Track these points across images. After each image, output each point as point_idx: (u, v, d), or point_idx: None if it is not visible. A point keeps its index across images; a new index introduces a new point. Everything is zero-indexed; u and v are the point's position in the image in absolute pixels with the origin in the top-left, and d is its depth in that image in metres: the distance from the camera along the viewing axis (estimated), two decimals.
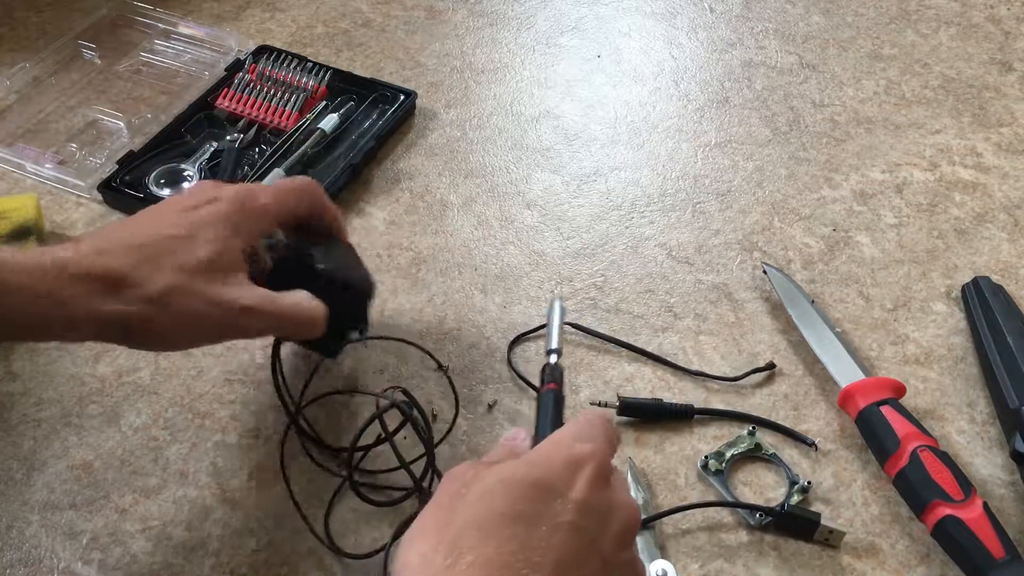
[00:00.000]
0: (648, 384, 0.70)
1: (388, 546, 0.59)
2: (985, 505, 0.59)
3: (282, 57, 0.93)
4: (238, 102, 0.89)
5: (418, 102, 0.92)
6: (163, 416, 0.67)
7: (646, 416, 0.68)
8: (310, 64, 0.93)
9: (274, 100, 0.89)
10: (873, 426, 0.64)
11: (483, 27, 1.03)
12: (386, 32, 1.01)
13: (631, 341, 0.73)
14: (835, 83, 0.96)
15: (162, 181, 0.82)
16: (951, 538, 0.59)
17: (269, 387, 0.69)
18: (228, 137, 0.86)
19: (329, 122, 0.86)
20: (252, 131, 0.87)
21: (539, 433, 0.51)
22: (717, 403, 0.69)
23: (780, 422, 0.68)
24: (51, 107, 0.90)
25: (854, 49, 1.01)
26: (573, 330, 0.73)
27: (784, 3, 1.06)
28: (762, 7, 1.06)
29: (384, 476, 0.64)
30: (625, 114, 0.93)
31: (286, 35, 1.00)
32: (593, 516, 0.43)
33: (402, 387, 0.63)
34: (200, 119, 0.88)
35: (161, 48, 0.97)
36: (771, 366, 0.71)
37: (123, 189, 0.81)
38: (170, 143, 0.85)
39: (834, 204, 0.84)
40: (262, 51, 0.94)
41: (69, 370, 0.70)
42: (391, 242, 0.80)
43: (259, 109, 0.88)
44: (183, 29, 0.97)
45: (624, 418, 0.68)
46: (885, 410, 0.64)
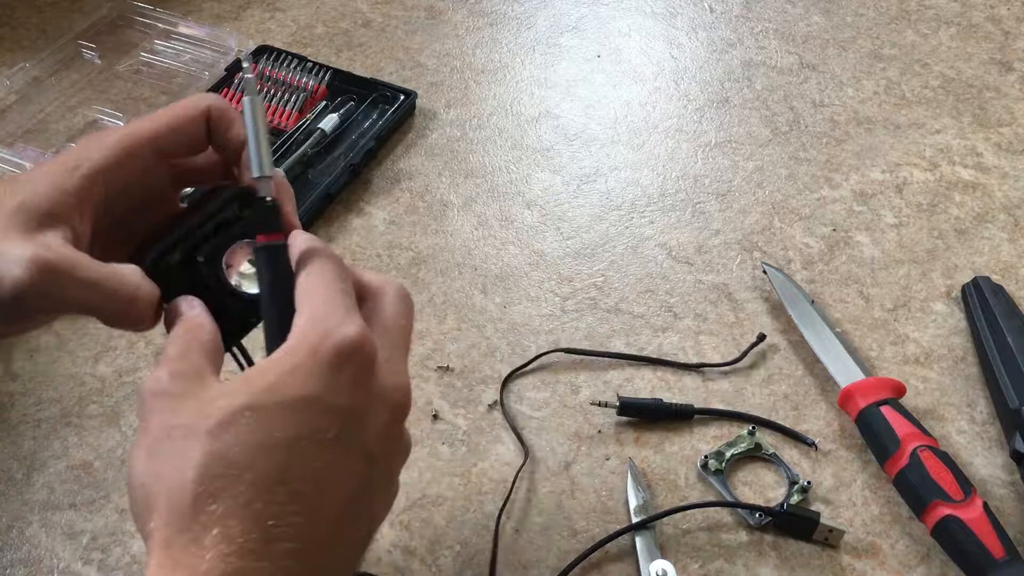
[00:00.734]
0: (648, 384, 0.70)
1: None
2: (985, 505, 0.59)
3: (282, 57, 0.93)
4: (238, 102, 0.89)
5: (418, 102, 0.92)
6: None
7: (646, 416, 0.68)
8: (310, 64, 0.93)
9: (274, 100, 0.89)
10: (873, 426, 0.64)
11: (483, 27, 1.03)
12: (386, 32, 1.01)
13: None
14: (835, 83, 0.96)
15: None
16: (951, 538, 0.59)
17: None
18: None
19: (329, 122, 0.87)
20: None
21: (269, 315, 0.41)
22: (717, 403, 0.69)
23: (780, 422, 0.68)
24: (51, 107, 0.90)
25: (854, 49, 1.01)
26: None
27: (784, 3, 1.06)
28: (762, 7, 1.06)
29: None
30: (625, 114, 0.93)
31: (286, 35, 1.00)
32: (361, 418, 0.36)
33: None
34: None
35: (161, 48, 0.97)
36: (761, 337, 0.71)
37: None
38: None
39: (834, 204, 0.84)
40: (262, 51, 0.94)
41: (69, 370, 0.70)
42: (391, 242, 0.80)
43: None
44: (183, 29, 0.97)
45: (624, 418, 0.68)
46: (885, 410, 0.64)
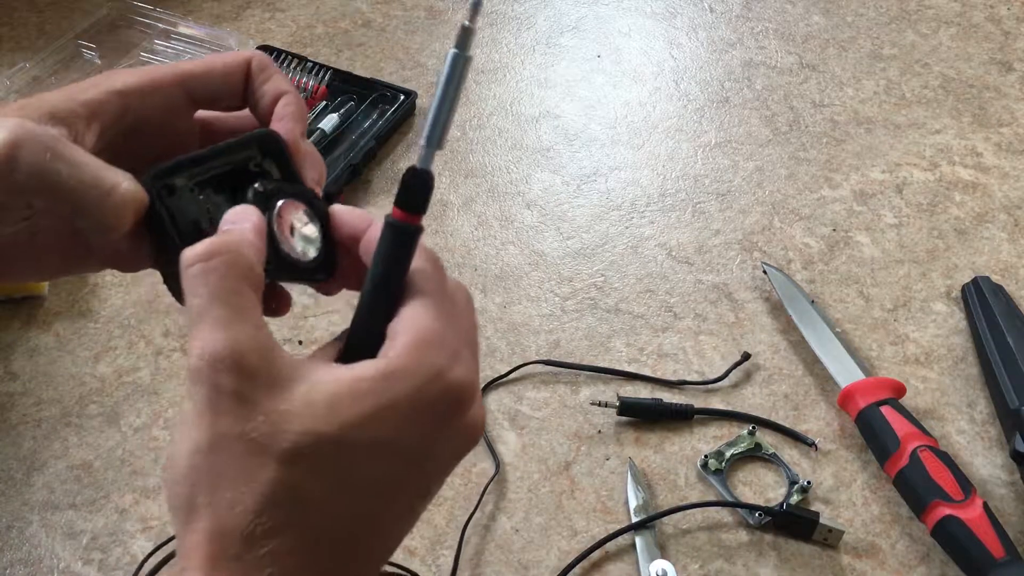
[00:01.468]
0: (648, 384, 0.70)
1: None
2: (985, 505, 0.59)
3: (282, 57, 0.93)
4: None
5: (418, 102, 0.92)
6: (163, 416, 0.67)
7: (646, 416, 0.68)
8: (310, 64, 0.93)
9: None
10: (873, 426, 0.64)
11: (483, 27, 1.03)
12: (386, 32, 1.01)
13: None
14: (835, 83, 0.96)
15: None
16: (951, 538, 0.59)
17: None
18: None
19: (329, 122, 0.86)
20: None
21: (372, 303, 0.32)
22: (717, 403, 0.69)
23: (780, 422, 0.68)
24: None
25: (854, 49, 1.01)
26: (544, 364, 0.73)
27: (784, 3, 1.06)
28: (762, 7, 1.06)
29: None
30: (625, 114, 0.93)
31: (286, 35, 1.00)
32: (439, 466, 0.32)
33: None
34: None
35: (161, 48, 0.96)
36: (746, 356, 0.71)
37: None
38: None
39: (834, 204, 0.84)
40: (262, 51, 0.94)
41: (69, 370, 0.70)
42: None
43: None
44: (183, 29, 0.97)
45: (624, 418, 0.68)
46: (885, 410, 0.64)
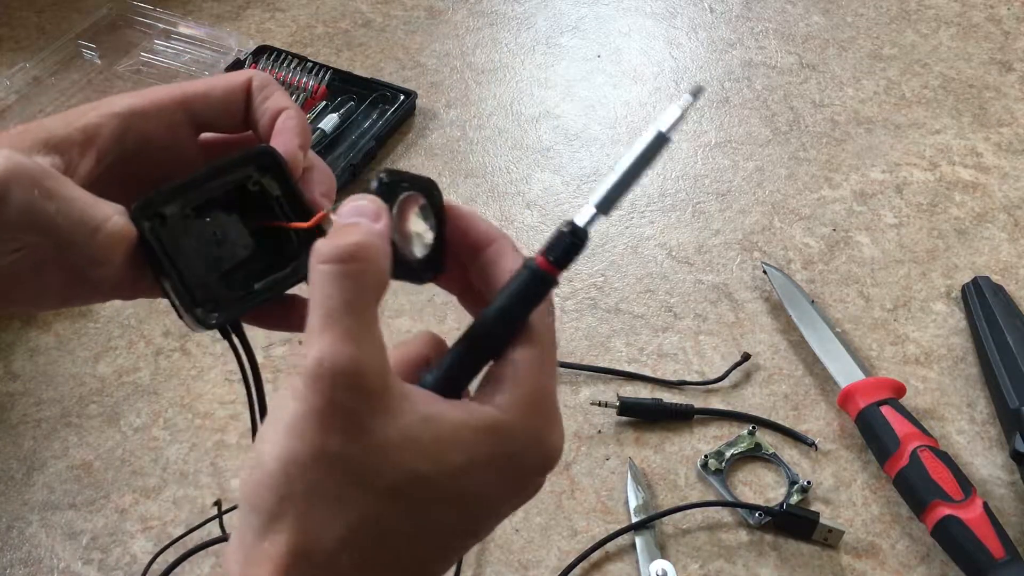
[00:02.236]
0: (648, 384, 0.70)
1: None
2: (985, 505, 0.59)
3: (282, 57, 0.93)
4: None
5: (418, 102, 0.92)
6: (163, 416, 0.67)
7: (646, 416, 0.68)
8: (310, 64, 0.93)
9: None
10: (873, 426, 0.64)
11: (483, 27, 1.03)
12: (386, 32, 1.01)
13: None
14: (835, 83, 0.96)
15: None
16: (951, 538, 0.59)
17: (270, 387, 0.68)
18: None
19: (329, 122, 0.86)
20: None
21: (487, 333, 0.32)
22: (717, 403, 0.69)
23: (780, 422, 0.68)
24: (51, 107, 0.90)
25: (854, 49, 1.01)
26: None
27: (784, 3, 1.06)
28: (762, 7, 1.06)
29: None
30: (625, 114, 0.93)
31: (286, 35, 1.00)
32: (514, 507, 0.33)
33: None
34: None
35: (161, 48, 0.96)
36: (746, 357, 0.71)
37: None
38: None
39: (834, 204, 0.84)
40: (262, 51, 0.94)
41: (69, 370, 0.70)
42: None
43: None
44: (183, 29, 0.97)
45: (624, 418, 0.68)
46: (885, 410, 0.64)
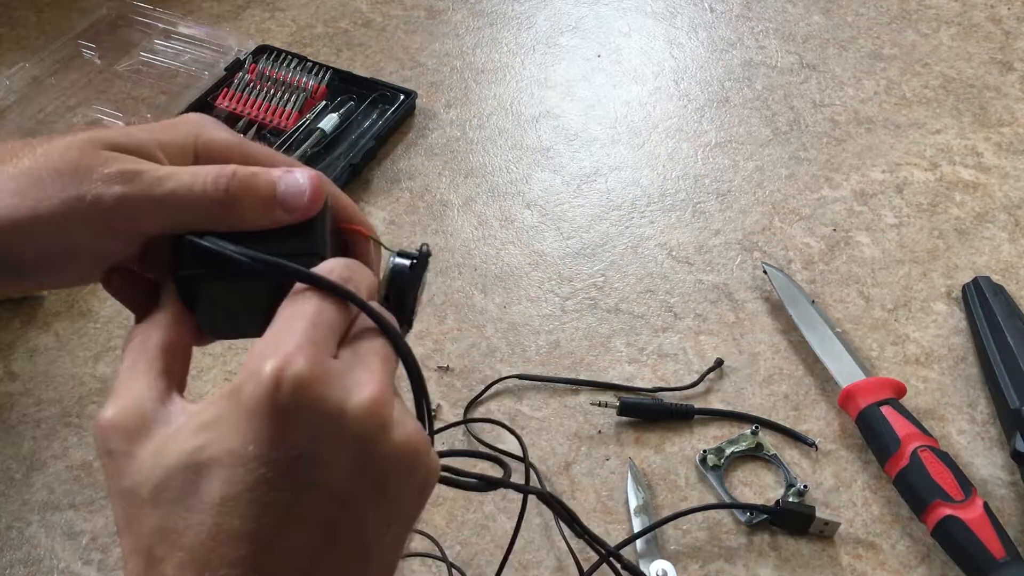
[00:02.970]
0: (648, 384, 0.70)
1: None
2: (985, 505, 0.59)
3: (282, 57, 0.93)
4: (238, 102, 0.89)
5: (418, 102, 0.92)
6: None
7: (646, 416, 0.68)
8: (310, 64, 0.93)
9: (274, 100, 0.89)
10: (873, 426, 0.64)
11: (483, 27, 1.03)
12: (386, 32, 1.01)
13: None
14: (835, 83, 0.96)
15: None
16: (951, 538, 0.59)
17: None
18: None
19: (329, 122, 0.86)
20: (252, 131, 0.87)
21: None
22: (717, 403, 0.69)
23: (780, 422, 0.68)
24: (51, 107, 0.90)
25: (854, 49, 1.00)
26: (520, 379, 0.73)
27: (784, 3, 1.06)
28: (762, 7, 1.06)
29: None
30: (625, 114, 0.93)
31: (286, 35, 1.00)
32: (366, 491, 0.29)
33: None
34: None
35: (161, 48, 0.96)
36: (719, 363, 0.71)
37: None
38: None
39: (834, 204, 0.84)
40: (262, 51, 0.94)
41: (69, 370, 0.70)
42: (391, 242, 0.79)
43: (259, 109, 0.88)
44: (183, 29, 0.97)
45: (624, 418, 0.68)
46: (885, 410, 0.64)
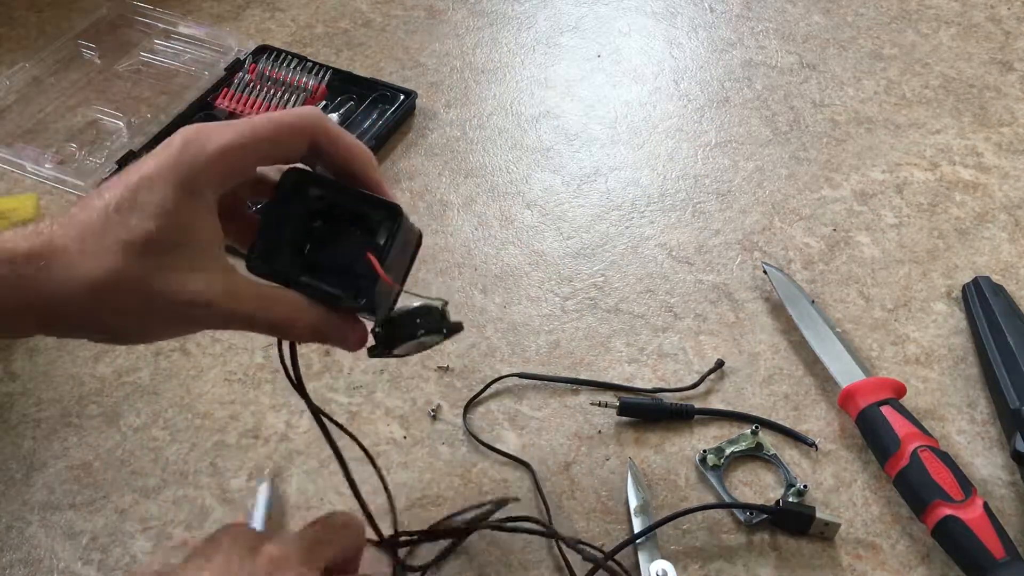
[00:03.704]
0: (648, 384, 0.70)
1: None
2: (985, 505, 0.59)
3: (282, 57, 0.93)
4: (238, 102, 0.89)
5: (418, 102, 0.92)
6: (163, 416, 0.67)
7: (646, 416, 0.68)
8: (310, 64, 0.93)
9: (274, 100, 0.89)
10: (873, 426, 0.64)
11: (483, 27, 1.03)
12: (386, 32, 1.01)
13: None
14: (835, 83, 0.96)
15: None
16: (951, 538, 0.59)
17: (270, 387, 0.69)
18: None
19: None
20: None
21: None
22: (717, 403, 0.69)
23: (780, 422, 0.68)
24: (51, 107, 0.90)
25: (854, 49, 1.01)
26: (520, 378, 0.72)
27: (784, 3, 1.06)
28: (762, 7, 1.06)
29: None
30: (625, 114, 0.93)
31: (286, 35, 1.00)
32: None
33: None
34: (200, 119, 0.88)
35: (161, 48, 0.97)
36: (720, 364, 0.71)
37: None
38: None
39: (834, 204, 0.84)
40: (262, 51, 0.94)
41: (69, 370, 0.70)
42: None
43: (259, 109, 0.88)
44: (183, 29, 0.97)
45: (624, 418, 0.68)
46: (885, 410, 0.64)
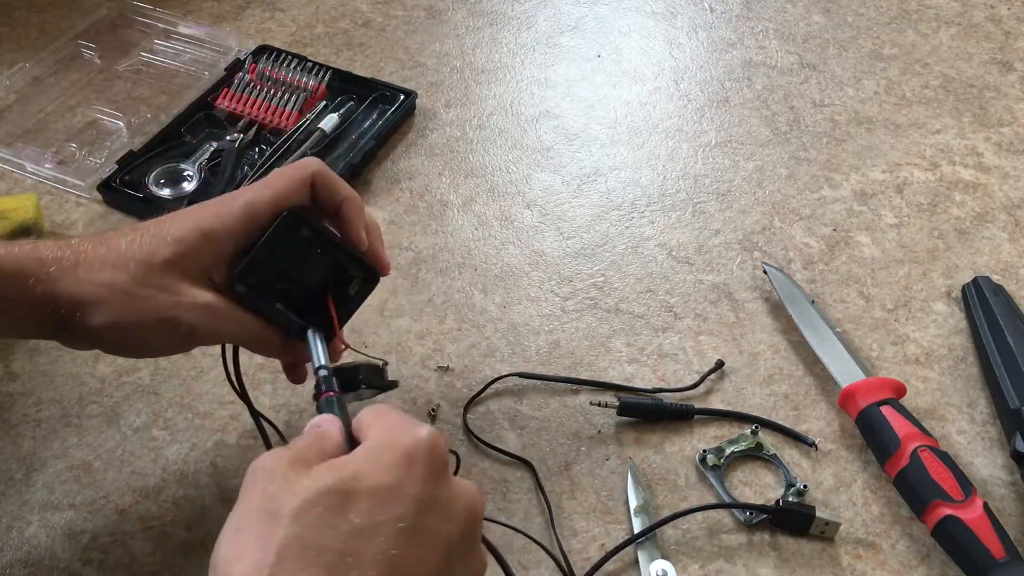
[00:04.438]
0: (648, 384, 0.70)
1: None
2: (985, 505, 0.59)
3: (282, 57, 0.93)
4: (238, 102, 0.89)
5: (418, 102, 0.92)
6: (163, 416, 0.67)
7: (646, 416, 0.68)
8: (310, 64, 0.93)
9: (274, 100, 0.89)
10: (873, 426, 0.64)
11: (483, 27, 1.03)
12: (386, 32, 1.01)
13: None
14: (835, 83, 0.96)
15: (162, 181, 0.82)
16: (951, 538, 0.59)
17: (270, 387, 0.69)
18: (228, 137, 0.86)
19: (329, 122, 0.86)
20: (252, 131, 0.87)
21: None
22: (717, 403, 0.69)
23: (780, 422, 0.68)
24: (51, 107, 0.90)
25: (854, 49, 1.01)
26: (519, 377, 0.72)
27: (784, 3, 1.06)
28: (762, 7, 1.06)
29: None
30: (625, 114, 0.93)
31: (286, 35, 1.00)
32: (435, 512, 0.41)
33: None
34: (200, 119, 0.88)
35: (161, 48, 0.96)
36: (720, 364, 0.71)
37: (123, 189, 0.81)
38: (170, 143, 0.85)
39: (834, 204, 0.84)
40: (262, 51, 0.94)
41: (69, 370, 0.70)
42: (391, 242, 0.80)
43: (259, 109, 0.88)
44: (183, 29, 0.97)
45: (624, 418, 0.68)
46: (885, 410, 0.64)
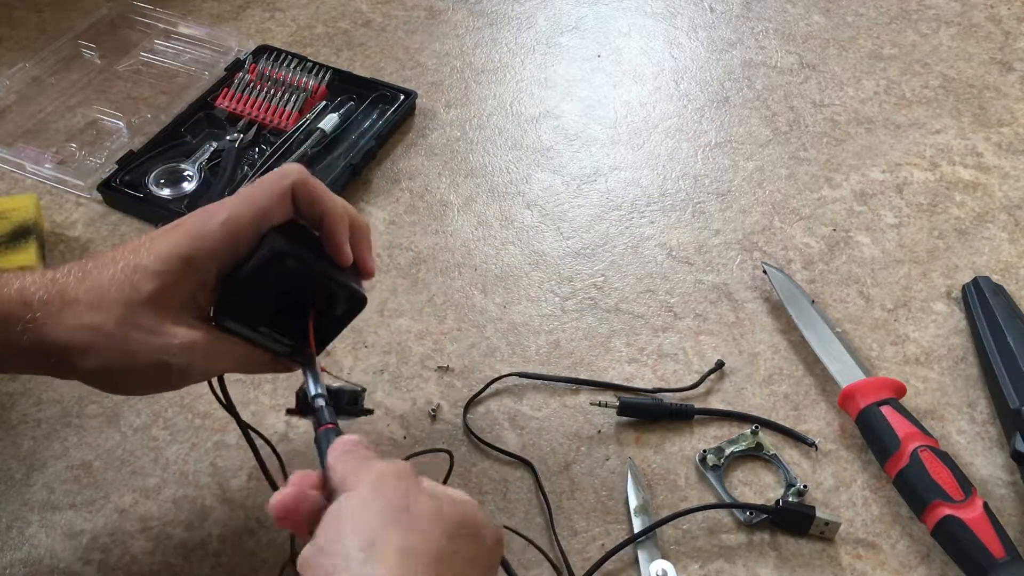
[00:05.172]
0: (648, 384, 0.70)
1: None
2: (985, 505, 0.59)
3: (282, 57, 0.93)
4: (238, 102, 0.89)
5: (418, 102, 0.92)
6: (163, 416, 0.67)
7: (646, 416, 0.68)
8: (310, 64, 0.93)
9: (274, 100, 0.89)
10: (873, 426, 0.64)
11: (483, 27, 1.03)
12: (386, 32, 1.01)
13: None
14: (835, 83, 0.96)
15: (162, 181, 0.82)
16: (951, 538, 0.59)
17: (270, 387, 0.69)
18: (228, 137, 0.86)
19: (329, 122, 0.86)
20: (252, 131, 0.87)
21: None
22: (717, 403, 0.69)
23: (780, 422, 0.68)
24: (51, 107, 0.90)
25: (854, 49, 1.01)
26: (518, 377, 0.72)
27: (784, 3, 1.06)
28: (762, 7, 1.06)
29: None
30: (625, 114, 0.93)
31: (286, 35, 1.00)
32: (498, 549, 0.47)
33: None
34: (200, 119, 0.88)
35: (161, 48, 0.96)
36: (720, 364, 0.71)
37: (123, 189, 0.81)
38: (170, 143, 0.85)
39: (834, 204, 0.84)
40: (262, 51, 0.94)
41: None
42: (391, 242, 0.80)
43: (259, 109, 0.88)
44: (183, 29, 0.97)
45: (624, 418, 0.68)
46: (885, 410, 0.64)
